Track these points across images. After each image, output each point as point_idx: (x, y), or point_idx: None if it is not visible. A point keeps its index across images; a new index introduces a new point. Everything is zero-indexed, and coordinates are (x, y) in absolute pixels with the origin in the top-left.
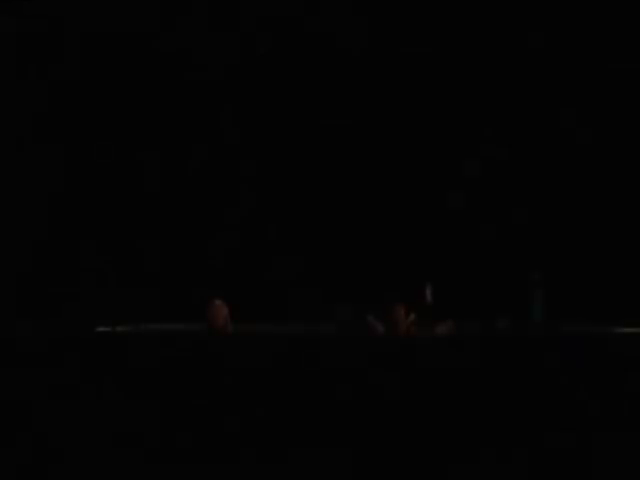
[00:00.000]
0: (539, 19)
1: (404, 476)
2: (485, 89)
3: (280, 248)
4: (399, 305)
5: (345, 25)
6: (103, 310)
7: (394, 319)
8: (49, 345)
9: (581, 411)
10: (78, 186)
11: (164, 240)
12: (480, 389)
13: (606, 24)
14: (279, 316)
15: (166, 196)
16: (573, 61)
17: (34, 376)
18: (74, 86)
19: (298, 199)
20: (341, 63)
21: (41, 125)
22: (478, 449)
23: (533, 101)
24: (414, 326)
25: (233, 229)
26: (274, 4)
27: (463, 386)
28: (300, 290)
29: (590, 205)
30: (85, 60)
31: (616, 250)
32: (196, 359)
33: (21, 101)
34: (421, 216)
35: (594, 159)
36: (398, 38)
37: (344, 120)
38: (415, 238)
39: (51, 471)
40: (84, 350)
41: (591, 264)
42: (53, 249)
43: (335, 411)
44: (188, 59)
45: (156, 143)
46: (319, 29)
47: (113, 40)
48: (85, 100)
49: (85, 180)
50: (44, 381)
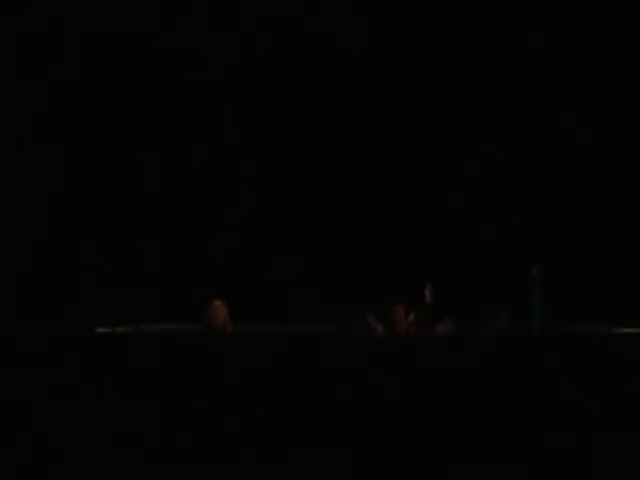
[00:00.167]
0: (539, 19)
1: (404, 476)
2: (485, 89)
3: (280, 248)
4: (399, 305)
5: (345, 25)
6: (103, 310)
7: (394, 319)
8: (49, 345)
9: (581, 411)
10: (78, 186)
11: (164, 240)
12: (480, 389)
13: (606, 24)
14: (279, 316)
15: (166, 196)
16: (573, 61)
17: (34, 376)
18: (74, 86)
19: (298, 199)
20: (341, 63)
21: (41, 125)
22: (478, 449)
23: (533, 101)
24: (414, 326)
25: (233, 229)
26: (274, 4)
27: (463, 386)
28: (300, 290)
29: (590, 205)
30: (85, 60)
31: (616, 250)
32: (195, 359)
33: (21, 101)
34: (421, 216)
35: (594, 159)
36: (398, 38)
37: (344, 120)
38: (415, 238)
39: (51, 471)
40: (84, 350)
41: (591, 264)
42: (53, 249)
43: (335, 411)
44: (188, 59)
45: (156, 143)
46: (319, 29)
47: (113, 40)
48: (85, 100)
49: (85, 180)
50: (44, 381)
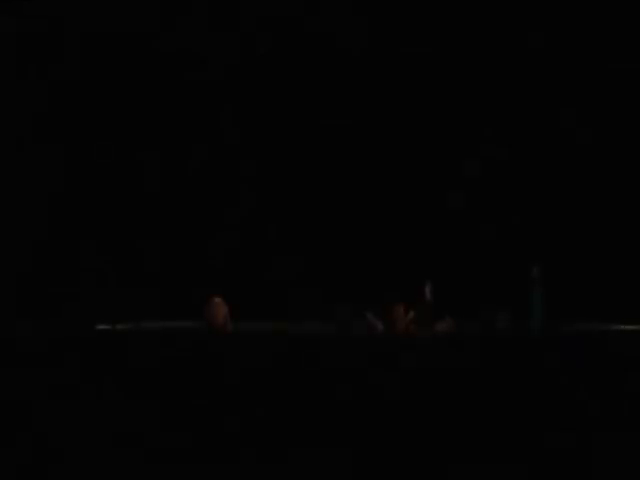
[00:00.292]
0: (539, 19)
1: (404, 476)
2: (485, 89)
3: (280, 248)
4: (399, 304)
5: (345, 25)
6: (103, 310)
7: (394, 319)
8: (49, 345)
9: (581, 411)
10: (78, 186)
11: (164, 240)
12: (480, 389)
13: (606, 24)
14: (279, 316)
15: (166, 196)
16: (573, 61)
17: (34, 376)
18: (74, 86)
19: (298, 199)
20: (341, 63)
21: (41, 125)
22: (478, 449)
23: (533, 101)
24: (413, 325)
25: (233, 229)
26: (274, 4)
27: (463, 386)
28: (300, 290)
29: (590, 205)
30: (85, 60)
31: (616, 250)
32: (196, 358)
33: (21, 101)
34: (421, 216)
35: (594, 159)
36: (398, 38)
37: (344, 120)
38: (415, 238)
39: (51, 471)
40: (84, 350)
41: (591, 263)
42: (53, 249)
43: (335, 410)
44: (188, 59)
45: (156, 143)
46: (319, 29)
47: (113, 40)
48: (85, 100)
49: (85, 180)
50: (44, 381)
